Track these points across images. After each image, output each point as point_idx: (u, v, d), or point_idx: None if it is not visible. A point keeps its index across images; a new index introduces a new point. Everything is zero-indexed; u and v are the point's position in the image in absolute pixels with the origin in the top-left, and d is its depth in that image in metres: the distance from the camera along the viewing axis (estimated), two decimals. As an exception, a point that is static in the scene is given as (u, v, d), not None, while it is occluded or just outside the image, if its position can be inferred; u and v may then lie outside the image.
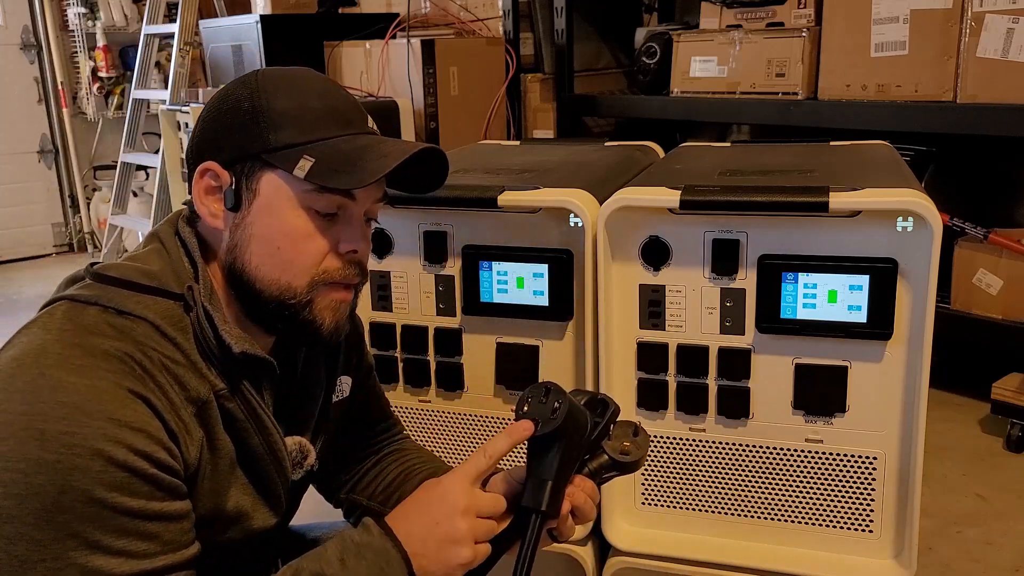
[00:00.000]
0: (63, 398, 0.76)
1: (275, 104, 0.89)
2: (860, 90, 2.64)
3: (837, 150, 1.63)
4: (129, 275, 0.87)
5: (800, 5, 2.77)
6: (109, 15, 4.86)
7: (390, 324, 1.46)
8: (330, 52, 3.52)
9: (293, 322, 0.92)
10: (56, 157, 5.13)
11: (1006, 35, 2.33)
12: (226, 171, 0.90)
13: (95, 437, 0.75)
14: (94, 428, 0.75)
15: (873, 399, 1.24)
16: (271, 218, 0.90)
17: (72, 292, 0.86)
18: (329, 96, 0.94)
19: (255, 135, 0.89)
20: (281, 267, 0.90)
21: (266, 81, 0.91)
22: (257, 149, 0.89)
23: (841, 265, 1.20)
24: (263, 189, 0.90)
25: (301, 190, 0.89)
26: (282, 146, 0.89)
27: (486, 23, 3.59)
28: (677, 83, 3.09)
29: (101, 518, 0.75)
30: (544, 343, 1.38)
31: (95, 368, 0.78)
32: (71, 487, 0.74)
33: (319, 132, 0.91)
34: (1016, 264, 2.40)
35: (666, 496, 1.37)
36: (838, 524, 1.30)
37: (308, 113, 0.91)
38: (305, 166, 0.88)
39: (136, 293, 0.85)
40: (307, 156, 0.89)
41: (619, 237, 1.29)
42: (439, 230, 1.40)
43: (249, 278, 0.90)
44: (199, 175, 0.91)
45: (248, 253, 0.90)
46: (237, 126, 0.90)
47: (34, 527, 0.73)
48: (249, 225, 0.90)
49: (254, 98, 0.89)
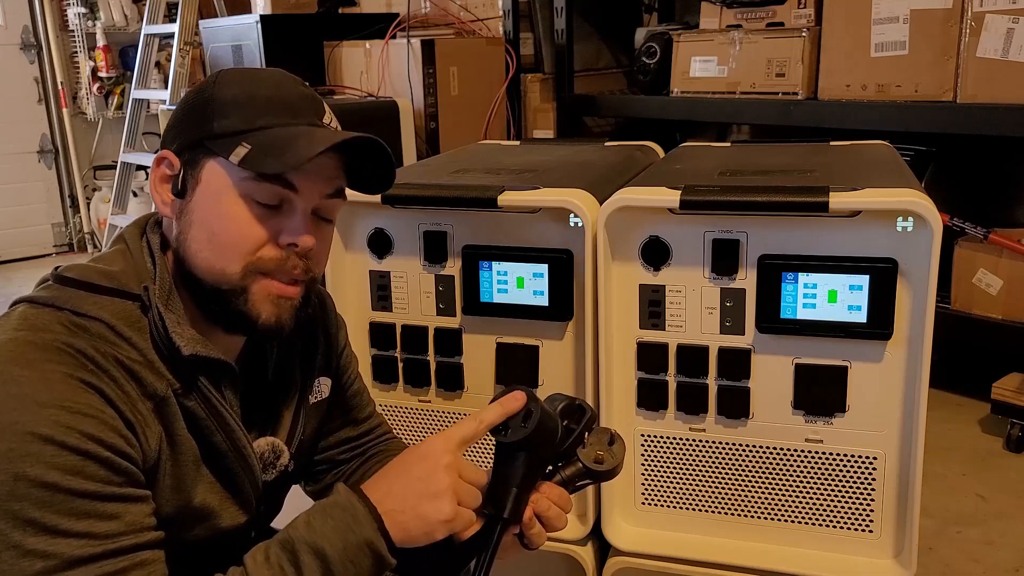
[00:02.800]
0: (13, 390, 0.76)
1: (223, 93, 0.91)
2: (860, 90, 2.64)
3: (837, 150, 1.63)
4: (88, 276, 0.87)
5: (800, 5, 2.77)
6: (109, 15, 4.86)
7: (390, 324, 1.46)
8: (330, 52, 3.52)
9: (228, 310, 0.91)
10: (56, 157, 5.13)
11: (1006, 35, 2.33)
12: (177, 159, 0.92)
13: (46, 424, 0.75)
14: (45, 415, 0.75)
15: (873, 399, 1.24)
16: (211, 204, 0.90)
17: (31, 294, 0.87)
18: (281, 88, 0.93)
19: (201, 123, 0.91)
20: (217, 252, 0.90)
21: (225, 74, 0.93)
22: (201, 136, 0.90)
23: (841, 265, 1.20)
24: (205, 176, 0.91)
25: (240, 178, 0.89)
26: (224, 133, 0.89)
27: (486, 23, 3.59)
28: (677, 83, 3.09)
29: (57, 502, 0.75)
30: (544, 343, 1.38)
31: (46, 361, 0.79)
32: (24, 474, 0.74)
33: (261, 121, 0.90)
34: (1016, 264, 2.40)
35: (666, 496, 1.37)
36: (838, 524, 1.30)
37: (254, 102, 0.91)
38: (240, 153, 0.88)
39: (93, 294, 0.86)
40: (244, 143, 0.88)
41: (619, 237, 1.29)
42: (439, 230, 1.40)
43: (190, 265, 0.91)
44: (155, 164, 0.93)
45: (190, 239, 0.91)
46: (188, 114, 0.92)
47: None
48: (191, 211, 0.91)
49: (208, 89, 0.92)
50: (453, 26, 3.57)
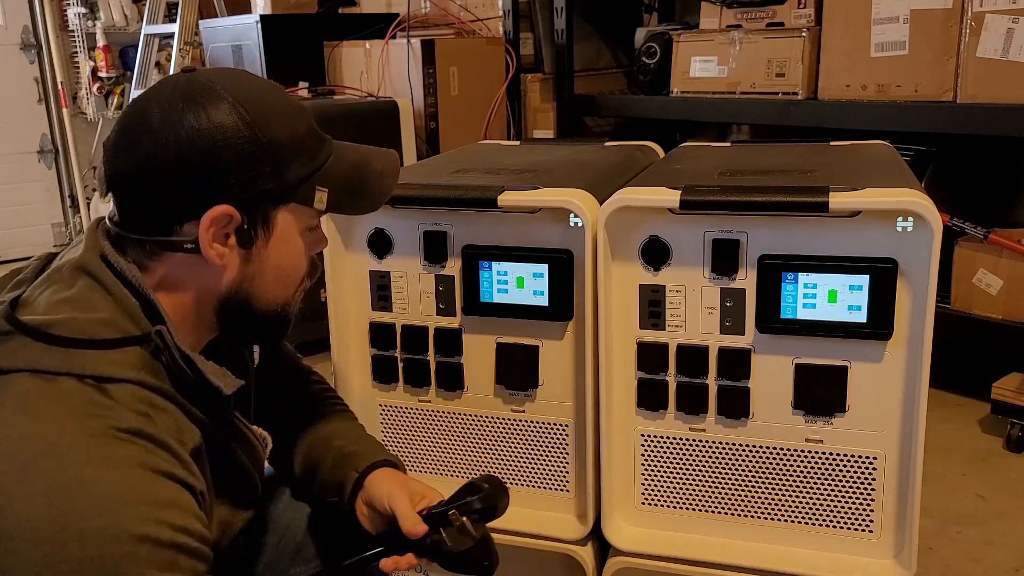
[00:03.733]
0: (97, 492, 0.75)
1: (278, 137, 0.89)
2: (860, 90, 2.64)
3: (837, 150, 1.63)
4: (86, 331, 0.82)
5: (800, 5, 2.77)
6: (109, 15, 4.86)
7: (390, 324, 1.46)
8: (330, 52, 3.52)
9: (272, 325, 0.96)
10: (56, 157, 5.12)
11: (1006, 35, 2.33)
12: (238, 212, 0.88)
13: (136, 522, 0.75)
14: (132, 515, 0.75)
15: (873, 399, 1.24)
16: (285, 248, 0.93)
17: (30, 363, 0.80)
18: (303, 113, 0.95)
19: (271, 175, 0.88)
20: (285, 288, 0.96)
21: (249, 108, 0.87)
22: (277, 188, 0.89)
23: (841, 265, 1.20)
24: (279, 225, 0.92)
25: (308, 215, 0.94)
26: (298, 182, 0.91)
27: (486, 23, 3.59)
28: (677, 83, 3.09)
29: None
30: (544, 343, 1.38)
31: (116, 456, 0.77)
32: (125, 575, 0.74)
33: (317, 158, 0.94)
34: (1016, 264, 2.40)
35: (666, 496, 1.37)
36: (838, 524, 1.30)
37: (304, 140, 0.93)
38: (323, 198, 0.93)
39: (102, 351, 0.82)
40: (319, 187, 0.93)
41: (619, 237, 1.29)
42: (439, 230, 1.40)
43: (255, 304, 0.93)
44: (210, 223, 0.86)
45: (259, 283, 0.93)
46: (245, 165, 0.87)
47: None
48: (263, 259, 0.92)
49: (255, 133, 0.87)
50: (453, 26, 3.57)
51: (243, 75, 0.94)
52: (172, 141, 0.85)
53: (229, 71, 0.93)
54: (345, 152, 0.99)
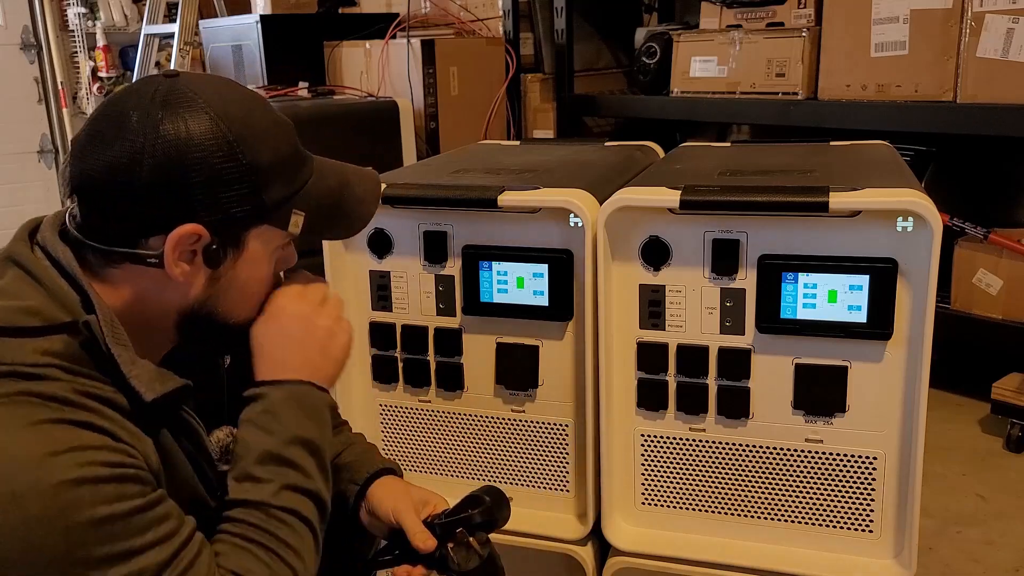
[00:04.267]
0: (16, 452, 0.72)
1: (260, 159, 0.85)
2: (860, 90, 2.64)
3: (837, 150, 1.63)
4: (6, 320, 0.78)
5: (800, 5, 2.77)
6: (109, 15, 4.85)
7: (390, 324, 1.46)
8: (330, 52, 3.52)
9: (236, 339, 0.94)
10: (56, 157, 5.12)
11: (1006, 35, 2.33)
12: (208, 232, 0.84)
13: (67, 468, 0.73)
14: (60, 463, 0.73)
15: (873, 399, 1.24)
16: (253, 269, 0.91)
17: None
18: (287, 132, 0.92)
19: (249, 197, 0.85)
20: (250, 306, 0.94)
21: (231, 124, 0.84)
22: (252, 211, 0.86)
23: (841, 265, 1.20)
24: (251, 245, 0.89)
25: (280, 237, 0.91)
26: (275, 205, 0.88)
27: (486, 23, 3.59)
28: (677, 83, 3.09)
29: (118, 530, 0.75)
30: (544, 343, 1.38)
31: (32, 416, 0.74)
32: (75, 523, 0.72)
33: (297, 179, 0.91)
34: (1016, 264, 2.40)
35: (666, 496, 1.37)
36: (838, 524, 1.30)
37: (286, 162, 0.90)
38: (298, 222, 0.91)
39: (23, 339, 0.78)
40: (296, 211, 0.90)
41: (619, 237, 1.29)
42: (439, 230, 1.40)
43: (217, 320, 0.91)
44: (178, 240, 0.82)
45: (226, 302, 0.90)
46: (222, 185, 0.83)
47: (61, 572, 0.72)
48: (232, 279, 0.89)
49: (235, 154, 0.83)
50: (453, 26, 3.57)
51: (227, 86, 0.89)
52: (147, 149, 0.81)
53: (213, 80, 0.89)
54: (326, 174, 0.95)
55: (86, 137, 0.84)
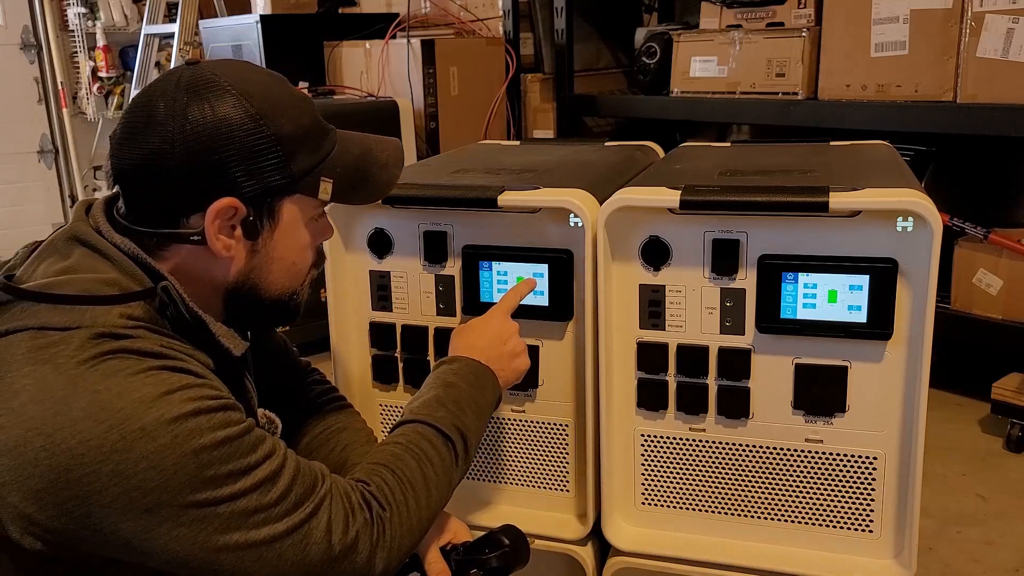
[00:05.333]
0: (134, 396, 0.79)
1: (283, 130, 0.90)
2: (860, 90, 2.64)
3: (837, 150, 1.63)
4: (88, 289, 0.84)
5: (800, 5, 2.77)
6: (109, 15, 4.86)
7: (390, 324, 1.46)
8: (330, 52, 3.52)
9: (280, 312, 0.99)
10: (56, 157, 5.13)
11: (1006, 35, 2.33)
12: (244, 204, 0.90)
13: (182, 404, 0.80)
14: (175, 399, 0.80)
15: (873, 399, 1.24)
16: (290, 239, 0.95)
17: (36, 323, 0.81)
18: (307, 104, 0.96)
19: (278, 167, 0.90)
20: (293, 277, 0.98)
21: (253, 101, 0.89)
22: (283, 181, 0.91)
23: (841, 265, 1.20)
24: (284, 216, 0.94)
25: (312, 206, 0.96)
26: (303, 173, 0.92)
27: (486, 23, 3.59)
28: (677, 83, 3.09)
29: (233, 449, 0.82)
30: (544, 343, 1.38)
31: (133, 367, 0.80)
32: (199, 446, 0.79)
33: (322, 149, 0.95)
34: (1016, 264, 2.40)
35: (666, 496, 1.37)
36: (838, 524, 1.30)
37: (308, 132, 0.94)
38: (327, 189, 0.94)
39: (107, 307, 0.83)
40: (324, 178, 0.94)
41: (619, 237, 1.29)
42: (439, 230, 1.40)
43: (261, 293, 0.95)
44: (215, 215, 0.88)
45: (267, 273, 0.95)
46: (251, 157, 0.88)
47: (194, 491, 0.79)
48: (270, 251, 0.94)
49: (260, 126, 0.88)
50: (453, 26, 3.57)
51: (247, 67, 0.95)
52: (177, 135, 0.86)
53: (233, 63, 0.94)
54: (349, 142, 1.00)
55: (120, 132, 0.89)
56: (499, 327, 1.18)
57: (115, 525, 0.78)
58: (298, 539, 0.86)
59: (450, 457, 1.04)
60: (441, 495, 1.03)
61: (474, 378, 1.13)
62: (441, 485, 1.02)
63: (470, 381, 1.12)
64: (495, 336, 1.17)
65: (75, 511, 0.77)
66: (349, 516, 0.90)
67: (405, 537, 0.96)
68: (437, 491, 1.01)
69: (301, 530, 0.86)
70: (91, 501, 0.77)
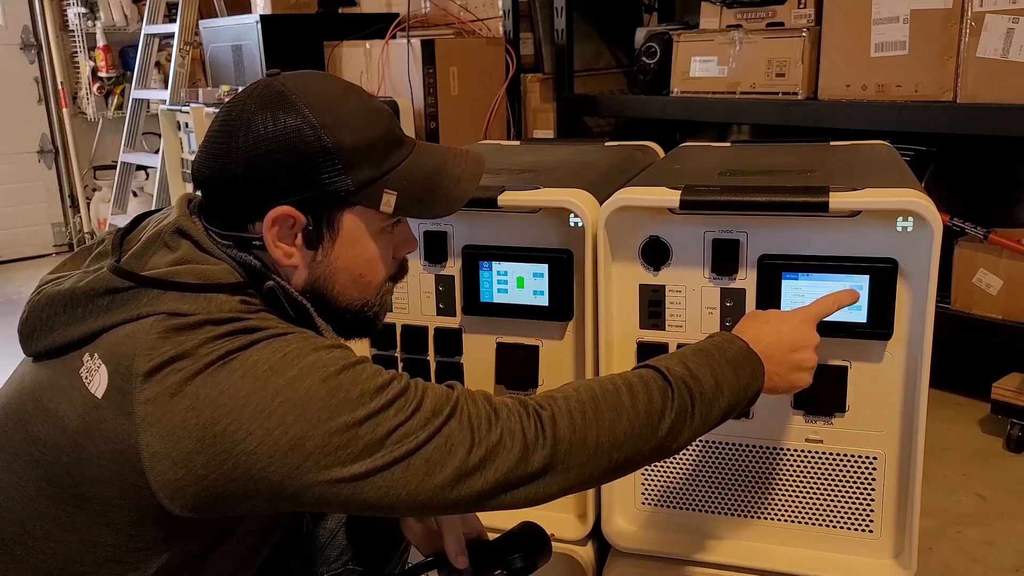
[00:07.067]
0: (265, 350, 0.84)
1: (343, 141, 0.90)
2: (860, 90, 2.64)
3: (837, 150, 1.63)
4: (211, 277, 0.88)
5: (800, 5, 2.77)
6: (109, 15, 4.85)
7: (390, 324, 1.46)
8: (330, 52, 3.52)
9: (361, 324, 1.00)
10: (56, 157, 5.12)
11: (1006, 35, 2.33)
12: (302, 213, 0.91)
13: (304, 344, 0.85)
14: (297, 345, 0.85)
15: (873, 399, 1.24)
16: (354, 251, 0.95)
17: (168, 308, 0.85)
18: (379, 117, 0.96)
19: (334, 177, 0.90)
20: (362, 289, 0.98)
21: (317, 112, 0.90)
22: (340, 191, 0.91)
23: (841, 265, 1.20)
24: (345, 227, 0.94)
25: (377, 219, 0.95)
26: (362, 185, 0.92)
27: (486, 23, 3.59)
28: (677, 83, 3.09)
29: (359, 373, 0.85)
30: (544, 343, 1.38)
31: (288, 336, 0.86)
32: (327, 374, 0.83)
33: (388, 161, 0.95)
34: (1016, 264, 2.39)
35: (666, 496, 1.37)
36: (838, 524, 1.30)
37: (374, 144, 0.94)
38: (390, 201, 0.94)
39: (229, 296, 0.88)
40: (387, 190, 0.94)
41: (619, 237, 1.29)
42: (439, 230, 1.40)
43: (331, 303, 0.96)
44: (272, 223, 0.91)
45: (333, 284, 0.95)
46: (308, 168, 0.90)
47: (332, 416, 0.82)
48: (333, 261, 0.95)
49: (320, 137, 0.89)
50: (453, 26, 3.57)
51: (321, 79, 0.96)
52: (241, 143, 0.89)
53: (311, 74, 0.96)
54: (425, 156, 0.99)
55: (204, 138, 0.94)
56: (797, 330, 1.05)
57: (264, 471, 0.80)
58: (441, 442, 0.85)
59: (664, 402, 0.93)
60: (638, 432, 0.92)
61: (737, 358, 1.00)
62: (640, 423, 0.92)
63: (729, 357, 1.00)
64: (790, 338, 1.04)
65: (223, 465, 0.80)
66: (492, 415, 0.88)
67: (576, 448, 0.89)
68: (631, 425, 0.91)
69: (442, 433, 0.85)
70: (238, 451, 0.80)
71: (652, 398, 0.93)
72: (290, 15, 3.59)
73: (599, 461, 0.91)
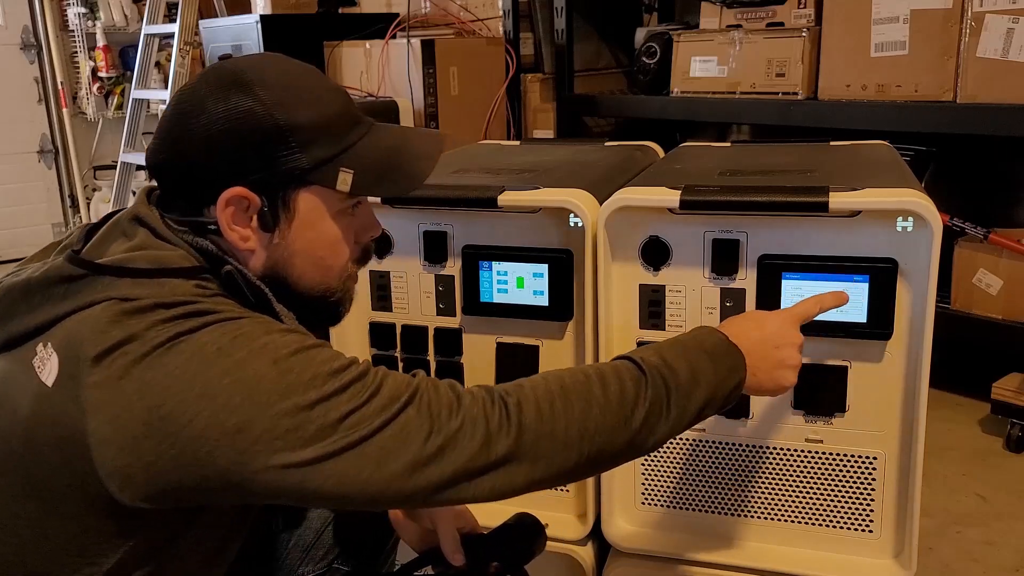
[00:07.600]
0: (215, 332, 0.81)
1: (298, 119, 0.89)
2: (860, 90, 2.64)
3: (837, 150, 1.63)
4: (164, 262, 0.86)
5: (800, 5, 2.77)
6: (109, 15, 4.85)
7: (390, 324, 1.46)
8: (330, 52, 3.52)
9: (323, 309, 0.97)
10: (56, 157, 5.12)
11: (1006, 35, 2.33)
12: (256, 195, 0.89)
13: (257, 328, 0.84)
14: (249, 328, 0.83)
15: (873, 399, 1.24)
16: (312, 232, 0.93)
17: (119, 294, 0.84)
18: (335, 96, 0.95)
19: (288, 156, 0.88)
20: (323, 272, 0.95)
21: (270, 91, 0.89)
22: (295, 170, 0.89)
23: (841, 265, 1.20)
24: (301, 207, 0.91)
25: (336, 199, 0.93)
26: (318, 163, 0.90)
27: (486, 23, 3.59)
28: (677, 83, 3.09)
29: (312, 356, 0.82)
30: (544, 343, 1.38)
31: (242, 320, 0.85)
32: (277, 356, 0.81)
33: (345, 140, 0.93)
34: (1016, 264, 2.39)
35: (666, 496, 1.37)
36: (838, 524, 1.30)
37: (330, 123, 0.92)
38: (347, 180, 0.91)
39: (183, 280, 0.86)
40: (343, 169, 0.91)
41: (619, 237, 1.29)
42: (439, 230, 1.40)
43: (292, 287, 0.94)
44: (226, 204, 0.88)
45: (292, 267, 0.93)
46: (261, 146, 0.88)
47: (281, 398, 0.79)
48: (291, 243, 0.92)
49: (273, 115, 0.87)
50: (453, 26, 3.57)
51: (276, 60, 0.95)
52: (195, 128, 0.88)
53: (265, 56, 0.96)
54: (384, 135, 0.98)
55: (158, 126, 0.92)
56: (780, 328, 1.03)
57: (210, 456, 0.77)
58: (397, 429, 0.81)
59: (637, 392, 0.91)
60: (610, 423, 0.89)
61: (716, 349, 0.98)
62: (612, 413, 0.89)
63: (707, 349, 0.97)
64: (771, 335, 1.02)
65: (170, 450, 0.77)
66: (454, 402, 0.85)
67: (544, 438, 0.86)
68: (603, 415, 0.89)
69: (399, 420, 0.82)
70: (184, 435, 0.77)
71: (625, 388, 0.90)
72: (290, 15, 3.59)
73: (568, 453, 0.88)
